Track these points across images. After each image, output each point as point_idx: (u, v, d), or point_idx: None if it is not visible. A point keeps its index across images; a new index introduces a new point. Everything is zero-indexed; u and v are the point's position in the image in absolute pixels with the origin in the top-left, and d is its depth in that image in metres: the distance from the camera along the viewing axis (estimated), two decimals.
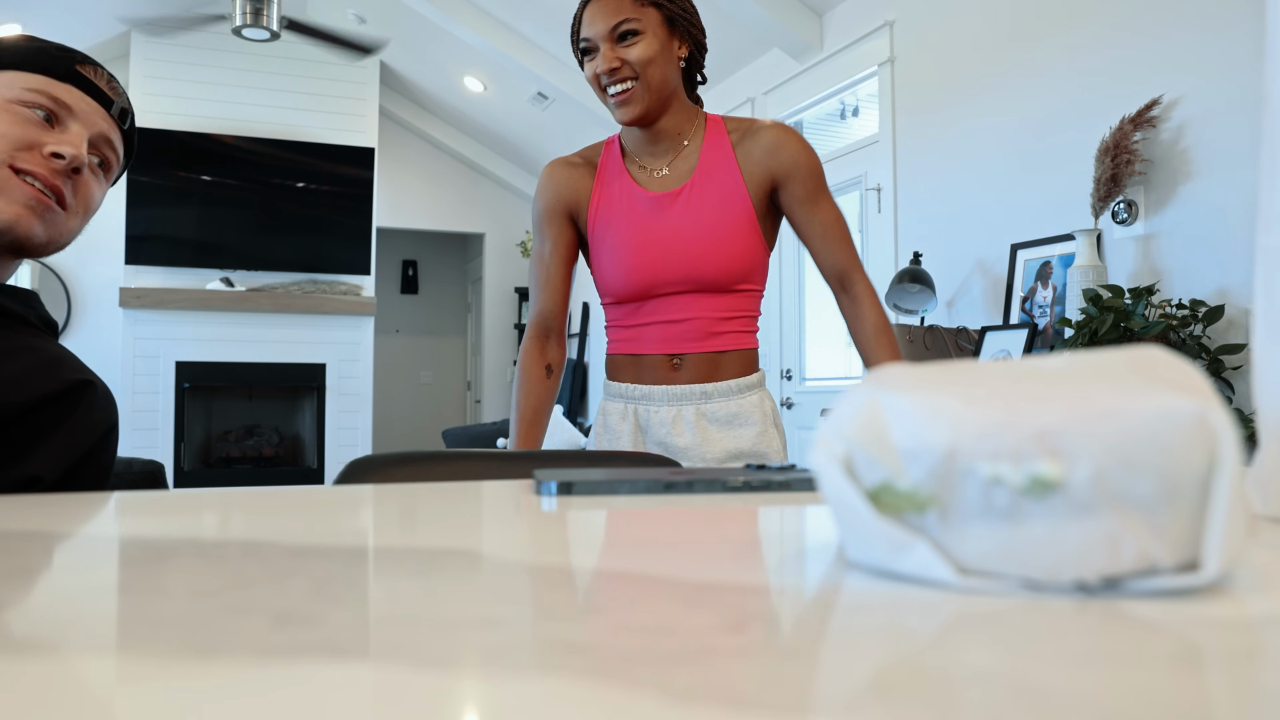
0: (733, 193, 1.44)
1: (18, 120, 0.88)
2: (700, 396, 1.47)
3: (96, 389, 0.89)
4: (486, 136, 7.21)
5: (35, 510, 0.50)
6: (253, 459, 6.52)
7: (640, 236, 1.47)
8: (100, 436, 0.89)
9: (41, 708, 0.19)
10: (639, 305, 1.50)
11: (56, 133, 0.90)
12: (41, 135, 0.89)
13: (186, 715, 0.18)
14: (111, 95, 0.96)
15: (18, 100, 0.89)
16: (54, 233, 0.91)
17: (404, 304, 9.20)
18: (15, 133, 0.87)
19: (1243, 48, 2.28)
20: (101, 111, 0.95)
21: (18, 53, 0.93)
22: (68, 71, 0.93)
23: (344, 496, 0.60)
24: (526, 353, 1.58)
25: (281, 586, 0.31)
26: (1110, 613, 0.27)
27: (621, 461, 1.09)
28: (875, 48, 3.67)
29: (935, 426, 0.30)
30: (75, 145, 0.90)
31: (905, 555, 0.31)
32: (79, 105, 0.92)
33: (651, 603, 0.29)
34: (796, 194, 1.45)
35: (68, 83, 0.92)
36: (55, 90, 0.91)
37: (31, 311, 0.93)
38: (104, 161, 0.96)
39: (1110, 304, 2.27)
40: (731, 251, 1.44)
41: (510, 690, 0.20)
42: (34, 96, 0.89)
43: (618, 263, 1.49)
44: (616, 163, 1.52)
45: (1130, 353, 0.32)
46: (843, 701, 0.19)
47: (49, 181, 0.88)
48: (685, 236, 1.44)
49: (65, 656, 0.22)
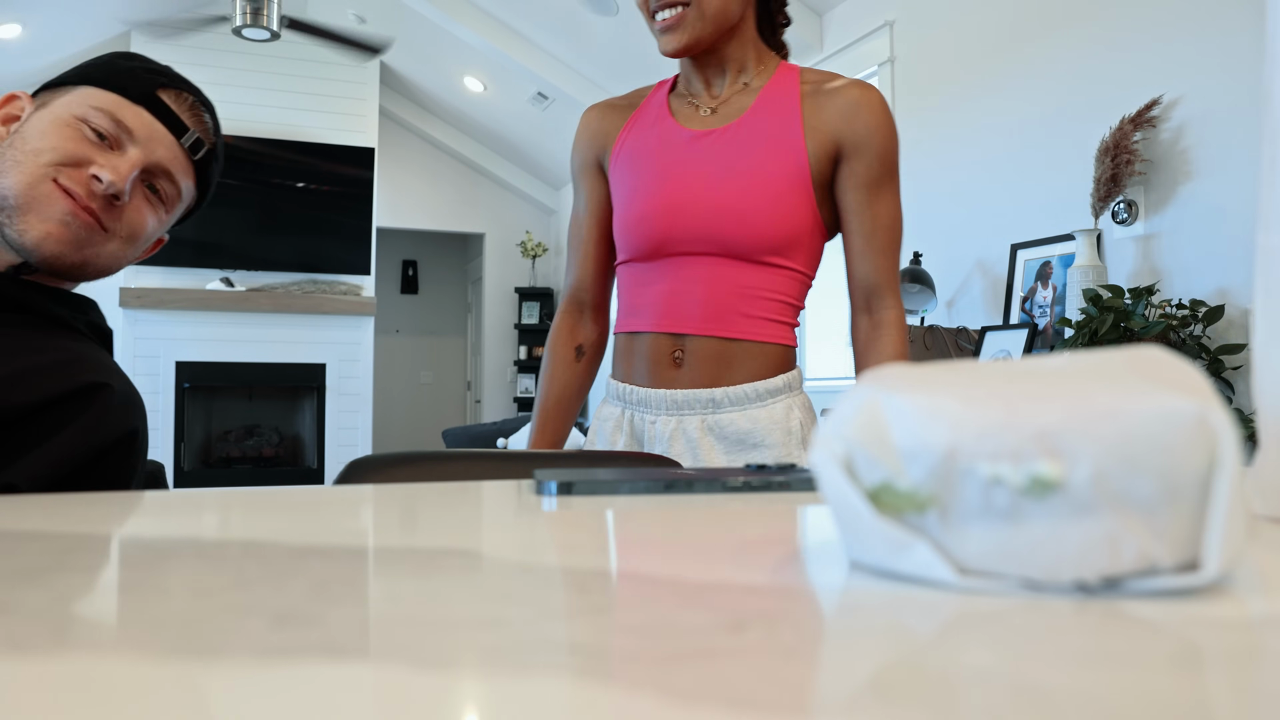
0: (785, 145, 1.15)
1: (73, 136, 0.86)
2: (706, 405, 1.17)
3: (113, 391, 0.84)
4: (486, 136, 7.21)
5: (35, 510, 0.50)
6: (253, 459, 6.52)
7: (659, 178, 1.19)
8: (114, 442, 0.84)
9: (41, 708, 0.19)
10: (648, 266, 1.21)
11: (110, 155, 0.87)
12: (92, 154, 0.86)
13: (186, 715, 0.18)
14: (189, 123, 0.92)
15: (81, 117, 0.86)
16: (90, 254, 0.87)
17: (404, 304, 9.20)
18: (66, 147, 0.85)
19: (1243, 48, 2.28)
20: (169, 140, 0.91)
21: (103, 69, 0.91)
22: (144, 94, 0.90)
23: (344, 496, 0.60)
24: (555, 331, 1.32)
25: (281, 586, 0.31)
26: (1110, 613, 0.27)
27: (622, 461, 1.09)
28: (875, 48, 3.67)
29: (935, 426, 0.30)
30: (118, 172, 0.86)
31: (905, 555, 0.31)
32: (142, 130, 0.89)
33: (651, 603, 0.29)
34: (858, 173, 1.16)
35: (141, 105, 0.89)
36: (122, 112, 0.88)
37: (80, 317, 0.90)
38: (158, 189, 0.92)
39: (1110, 304, 2.27)
40: (767, 211, 1.14)
41: (510, 690, 0.20)
42: (95, 115, 0.87)
43: (628, 210, 1.22)
44: (661, 102, 1.26)
45: (1130, 353, 0.32)
46: (843, 701, 0.19)
47: (84, 203, 0.85)
48: (712, 182, 1.16)
49: (65, 656, 0.22)
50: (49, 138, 0.85)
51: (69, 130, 0.86)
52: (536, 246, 7.42)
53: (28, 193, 0.83)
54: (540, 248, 7.44)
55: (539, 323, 7.51)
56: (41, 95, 0.91)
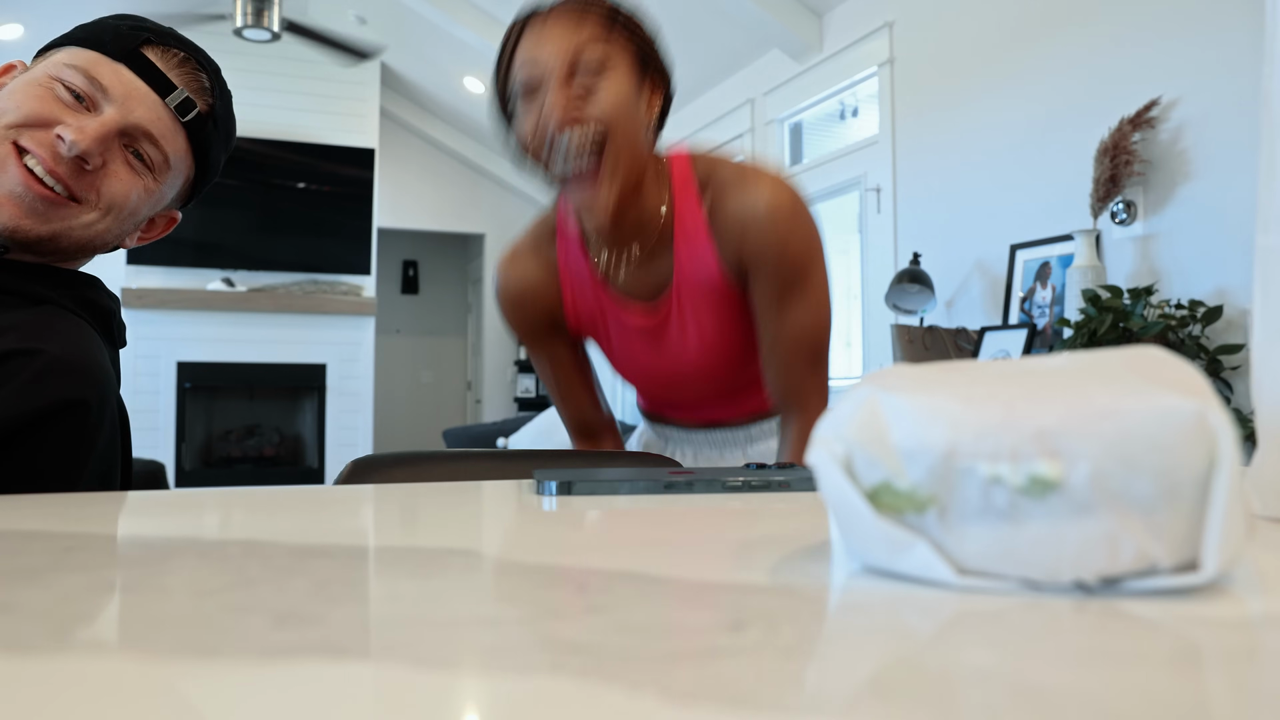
0: (720, 295, 1.09)
1: (43, 95, 0.78)
2: (745, 440, 1.25)
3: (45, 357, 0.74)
4: (486, 136, 7.21)
5: (36, 510, 0.50)
6: (253, 459, 6.52)
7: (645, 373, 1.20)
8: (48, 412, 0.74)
9: (42, 708, 0.19)
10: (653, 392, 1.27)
11: (81, 115, 0.79)
12: (60, 114, 0.78)
13: (187, 715, 0.18)
14: (176, 81, 0.84)
15: (55, 75, 0.79)
16: (59, 227, 0.79)
17: (404, 304, 9.20)
18: (32, 106, 0.78)
19: (1243, 48, 2.28)
20: (151, 99, 0.82)
21: (89, 27, 0.84)
22: (127, 51, 0.82)
23: (344, 496, 0.60)
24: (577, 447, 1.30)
25: (282, 586, 0.31)
26: (1110, 613, 0.27)
27: (622, 461, 1.09)
28: (875, 48, 3.67)
29: (935, 426, 0.30)
30: (83, 132, 0.77)
31: (905, 555, 0.31)
32: (119, 88, 0.80)
33: (651, 603, 0.29)
34: (759, 289, 1.07)
35: (121, 62, 0.81)
36: (98, 69, 0.80)
37: (66, 293, 0.82)
38: (141, 155, 0.83)
39: (1109, 304, 2.27)
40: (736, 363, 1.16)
41: (510, 690, 0.20)
42: (69, 73, 0.79)
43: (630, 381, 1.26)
44: (577, 258, 1.14)
45: (1129, 353, 0.32)
46: (843, 701, 0.19)
47: (49, 166, 0.77)
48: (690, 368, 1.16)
49: (65, 656, 0.22)
50: (15, 97, 0.79)
51: (39, 90, 0.79)
52: None
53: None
54: None
55: None
56: (35, 60, 0.85)
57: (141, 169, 0.84)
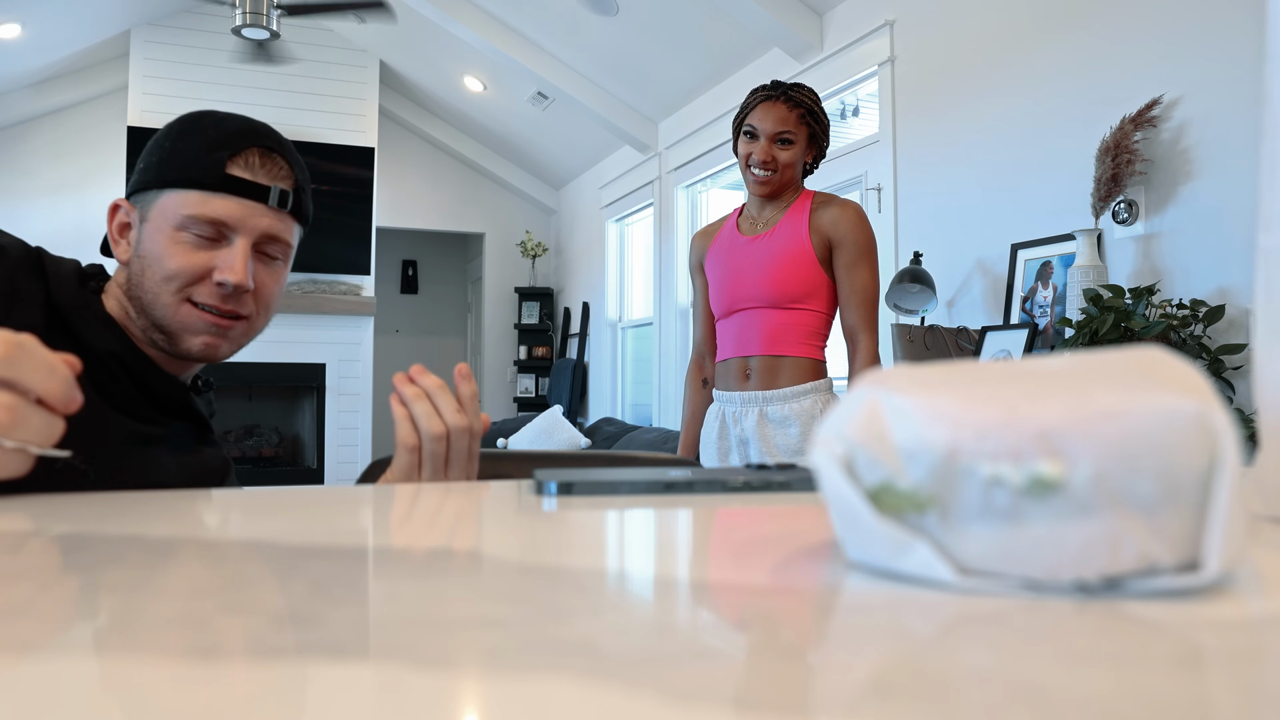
0: (797, 239, 2.03)
1: (184, 251, 0.92)
2: (762, 401, 2.03)
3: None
4: (486, 136, 7.21)
5: (36, 510, 0.50)
6: (252, 459, 6.52)
7: (730, 267, 2.09)
8: None
9: (42, 708, 0.19)
10: (729, 319, 2.11)
11: (220, 251, 0.93)
12: (208, 259, 0.92)
13: (187, 715, 0.18)
14: (267, 182, 0.95)
15: (180, 227, 0.92)
16: (241, 342, 0.97)
17: (404, 304, 9.21)
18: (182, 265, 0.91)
19: (1243, 48, 2.28)
20: (259, 209, 0.94)
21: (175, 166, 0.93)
22: (219, 179, 0.92)
23: (344, 496, 0.60)
24: (690, 370, 2.30)
25: (281, 586, 0.31)
26: (1110, 613, 0.27)
27: (623, 462, 1.09)
28: (875, 48, 3.67)
29: (935, 426, 0.30)
30: (235, 270, 0.92)
31: (905, 555, 0.31)
32: (234, 216, 0.92)
33: (651, 603, 0.29)
34: (840, 258, 2.02)
35: (221, 192, 0.92)
36: (209, 208, 0.92)
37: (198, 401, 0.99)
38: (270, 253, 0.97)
39: (1111, 304, 2.27)
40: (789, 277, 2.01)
41: (510, 690, 0.20)
42: (191, 223, 0.92)
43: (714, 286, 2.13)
44: (732, 222, 2.17)
45: (1130, 353, 0.32)
46: (843, 701, 0.19)
47: (222, 309, 0.93)
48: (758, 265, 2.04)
49: (65, 656, 0.22)
50: (166, 261, 0.92)
51: (176, 248, 0.92)
52: (536, 246, 7.42)
53: (174, 320, 0.92)
54: (540, 247, 7.43)
55: (538, 323, 7.50)
56: (135, 199, 0.96)
57: (274, 264, 0.98)
